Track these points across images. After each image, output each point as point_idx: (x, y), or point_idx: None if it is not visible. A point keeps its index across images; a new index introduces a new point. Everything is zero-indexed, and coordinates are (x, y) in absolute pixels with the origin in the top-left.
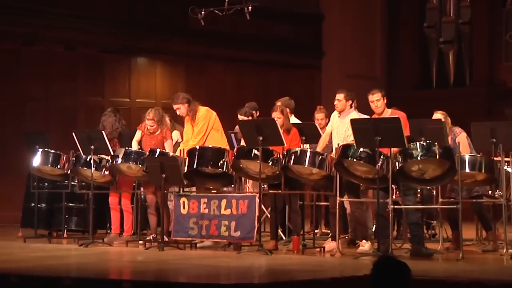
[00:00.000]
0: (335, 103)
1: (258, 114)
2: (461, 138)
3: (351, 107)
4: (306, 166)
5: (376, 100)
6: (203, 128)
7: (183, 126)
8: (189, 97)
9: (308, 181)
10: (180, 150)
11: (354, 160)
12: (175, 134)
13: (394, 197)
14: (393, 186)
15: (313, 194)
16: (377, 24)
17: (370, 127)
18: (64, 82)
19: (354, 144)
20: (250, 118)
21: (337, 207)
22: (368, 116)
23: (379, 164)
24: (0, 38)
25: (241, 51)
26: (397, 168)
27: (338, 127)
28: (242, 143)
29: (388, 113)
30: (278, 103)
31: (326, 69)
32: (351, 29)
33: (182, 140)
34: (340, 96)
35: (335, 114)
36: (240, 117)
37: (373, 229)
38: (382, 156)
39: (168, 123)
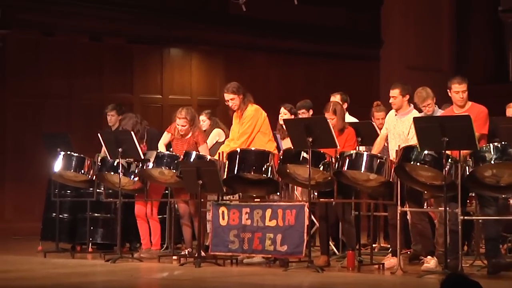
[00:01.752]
0: (390, 101)
1: (312, 114)
2: None
3: (409, 104)
4: (362, 171)
5: (462, 91)
6: (248, 129)
7: (228, 125)
8: (245, 90)
9: (365, 188)
10: (219, 153)
11: (418, 164)
12: (216, 133)
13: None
14: (471, 194)
15: (370, 203)
16: (444, 9)
17: (435, 126)
18: (89, 77)
19: (418, 145)
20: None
21: (398, 218)
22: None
23: (446, 168)
24: (17, 27)
25: (287, 40)
26: (468, 173)
27: (395, 128)
28: (285, 144)
29: (468, 106)
30: (333, 98)
31: (385, 61)
32: (414, 15)
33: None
34: (395, 92)
35: (390, 114)
36: (283, 110)
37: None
38: (450, 160)
39: (201, 126)
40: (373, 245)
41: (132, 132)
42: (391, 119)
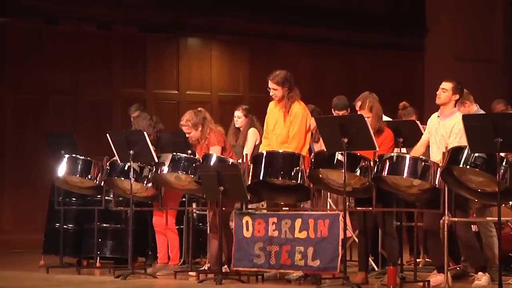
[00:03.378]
0: (437, 92)
1: (349, 112)
2: None
3: (455, 105)
4: (404, 176)
5: None
6: (301, 131)
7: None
8: (293, 83)
9: (407, 196)
10: (243, 155)
11: (467, 167)
12: (253, 133)
13: None
14: None
15: (414, 213)
16: None
17: (488, 125)
18: (96, 70)
19: (467, 147)
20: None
21: (445, 229)
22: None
23: (500, 173)
24: (18, 15)
25: (319, 28)
26: None
27: (437, 132)
28: (317, 146)
29: None
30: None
31: (430, 51)
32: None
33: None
34: (447, 85)
35: (433, 118)
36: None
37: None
38: (504, 163)
39: (215, 126)
40: (417, 260)
41: (145, 133)
42: (433, 122)
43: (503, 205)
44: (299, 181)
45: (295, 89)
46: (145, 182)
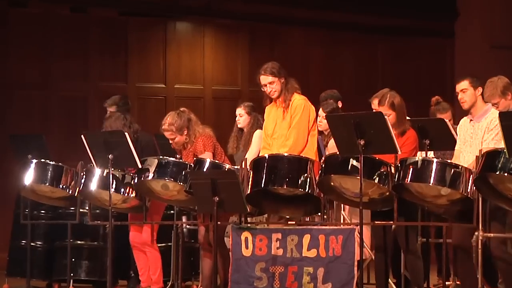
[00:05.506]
0: (459, 98)
1: (341, 106)
2: None
3: (483, 99)
4: (431, 184)
5: None
6: (302, 126)
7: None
8: (287, 74)
9: (434, 207)
10: (243, 159)
11: (506, 174)
12: (259, 136)
13: None
14: None
15: (443, 227)
16: None
17: None
18: (70, 60)
19: (505, 150)
20: None
21: (479, 246)
22: None
23: None
24: None
25: (332, 11)
26: None
27: (472, 137)
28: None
29: None
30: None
31: (461, 38)
32: None
33: None
34: (463, 84)
35: (463, 123)
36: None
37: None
38: None
39: (203, 128)
40: (447, 283)
41: (127, 134)
42: (465, 127)
43: None
44: (307, 190)
45: (291, 80)
46: (126, 192)
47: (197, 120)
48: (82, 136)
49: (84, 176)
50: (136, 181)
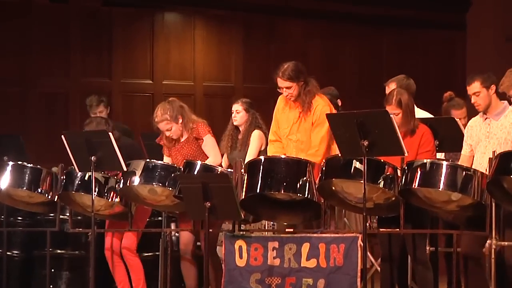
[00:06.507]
0: (472, 101)
1: (341, 105)
2: None
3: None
4: (441, 188)
5: None
6: (331, 137)
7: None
8: (307, 74)
9: (444, 214)
10: (236, 162)
11: None
12: (258, 137)
13: None
14: None
15: (453, 235)
16: None
17: None
18: (50, 55)
19: None
20: None
21: (492, 255)
22: None
23: None
24: None
25: (332, 1)
26: None
27: (490, 136)
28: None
29: None
30: (392, 85)
31: (473, 30)
32: None
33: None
34: (474, 87)
35: (474, 124)
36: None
37: None
38: None
39: (193, 115)
40: None
41: (111, 134)
42: (477, 127)
43: None
44: (306, 195)
45: (311, 81)
46: (110, 197)
47: (189, 109)
48: (62, 136)
49: (64, 180)
50: (121, 185)
